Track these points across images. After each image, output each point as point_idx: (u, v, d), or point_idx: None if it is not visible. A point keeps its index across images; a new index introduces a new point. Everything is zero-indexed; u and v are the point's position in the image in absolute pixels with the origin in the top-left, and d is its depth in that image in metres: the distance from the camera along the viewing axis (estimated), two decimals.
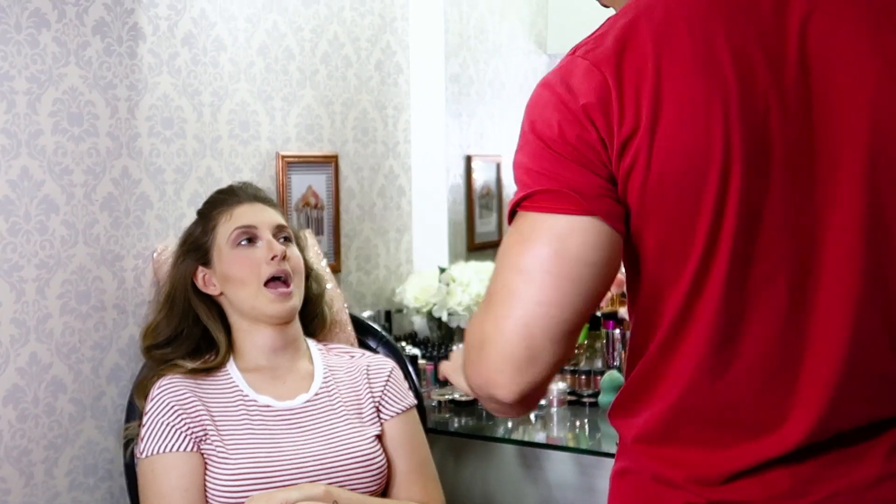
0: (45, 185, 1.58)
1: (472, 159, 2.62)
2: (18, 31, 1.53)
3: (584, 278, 0.91)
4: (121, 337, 1.73)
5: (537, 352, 0.92)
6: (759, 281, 0.93)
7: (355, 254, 2.35)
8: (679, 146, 0.90)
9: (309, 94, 2.17)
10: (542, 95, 0.96)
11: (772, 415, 0.96)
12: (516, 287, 0.92)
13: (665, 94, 0.90)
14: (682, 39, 0.92)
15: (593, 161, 0.92)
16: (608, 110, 0.91)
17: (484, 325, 0.94)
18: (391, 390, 1.69)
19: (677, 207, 0.92)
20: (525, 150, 0.97)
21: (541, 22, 2.87)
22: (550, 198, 0.92)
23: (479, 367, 0.95)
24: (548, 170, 0.93)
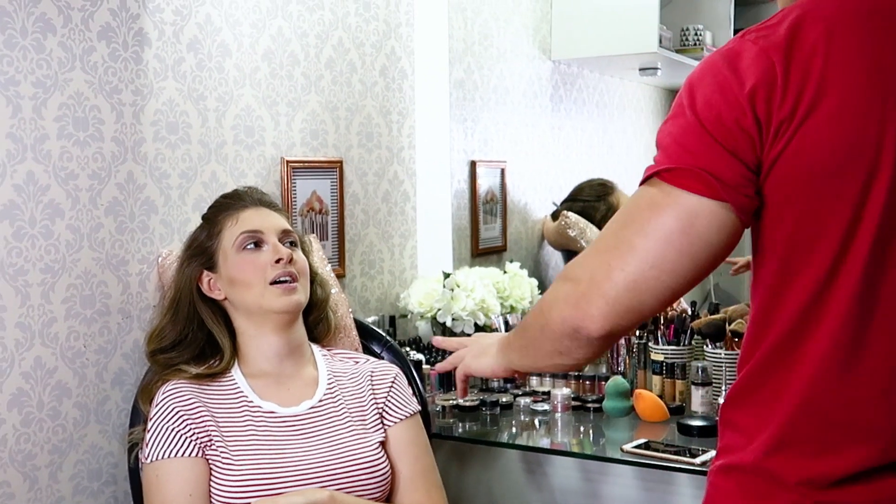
0: (51, 190, 1.59)
1: (476, 165, 2.62)
2: (24, 36, 1.54)
3: (700, 256, 0.97)
4: (125, 341, 1.73)
5: (639, 306, 0.99)
6: (892, 282, 0.94)
7: (360, 259, 2.35)
8: (831, 139, 0.92)
9: (314, 100, 2.18)
10: (707, 73, 0.98)
11: (890, 420, 0.96)
12: (637, 246, 0.97)
13: (828, 87, 0.92)
14: (850, 38, 0.94)
15: (744, 147, 0.95)
16: (771, 95, 0.93)
17: (595, 267, 1.00)
18: (395, 396, 1.69)
19: (820, 199, 0.94)
20: (678, 121, 0.99)
21: (545, 28, 2.87)
22: (691, 176, 0.95)
23: (576, 300, 1.00)
24: (696, 148, 0.96)
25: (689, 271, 0.97)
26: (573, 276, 1.02)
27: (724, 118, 0.95)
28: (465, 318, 2.34)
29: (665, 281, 0.97)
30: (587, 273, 1.00)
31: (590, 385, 2.25)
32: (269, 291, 1.60)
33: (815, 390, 0.97)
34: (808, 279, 0.96)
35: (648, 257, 0.96)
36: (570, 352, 1.05)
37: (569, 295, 1.02)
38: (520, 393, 2.24)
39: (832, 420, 0.98)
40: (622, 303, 0.98)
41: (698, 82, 0.99)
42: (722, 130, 0.95)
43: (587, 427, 2.08)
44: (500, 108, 2.73)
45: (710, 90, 0.97)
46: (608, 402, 2.12)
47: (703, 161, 0.95)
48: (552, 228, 2.78)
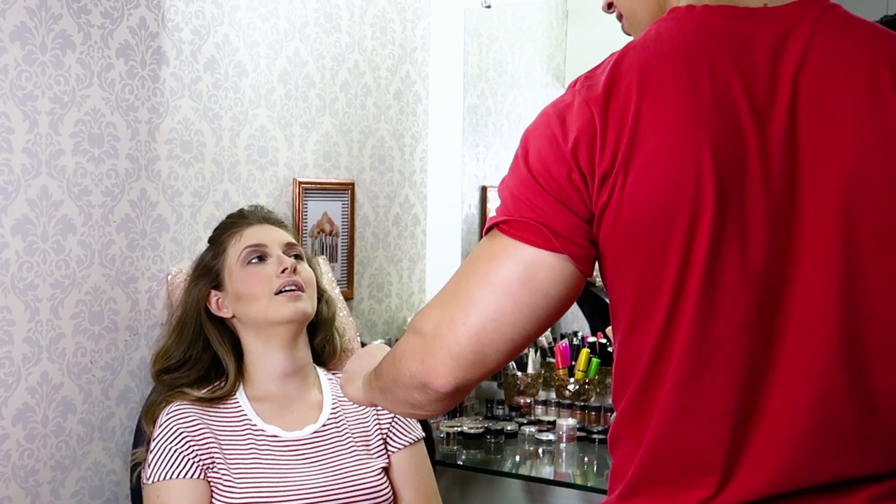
0: (64, 205, 1.59)
1: (487, 190, 2.62)
2: (44, 52, 1.55)
3: (540, 307, 0.96)
4: (132, 359, 1.73)
5: (483, 359, 0.97)
6: (725, 328, 0.93)
7: (368, 281, 2.35)
8: (649, 185, 0.92)
9: (328, 122, 2.18)
10: (539, 126, 0.99)
11: (734, 463, 0.96)
12: (478, 299, 0.96)
13: (641, 134, 0.92)
14: (666, 80, 0.93)
15: (575, 200, 0.95)
16: (592, 147, 0.94)
17: (439, 320, 0.99)
18: (399, 422, 1.68)
19: (648, 247, 0.94)
20: (514, 174, 1.00)
21: (559, 56, 2.88)
22: (526, 229, 0.95)
23: (422, 356, 0.99)
24: (530, 200, 0.96)
25: (529, 322, 0.96)
26: (419, 328, 1.01)
27: (553, 172, 0.95)
28: None
29: (506, 333, 0.96)
30: (431, 326, 0.99)
31: (595, 416, 2.23)
32: (274, 302, 1.59)
33: (663, 434, 0.97)
34: (649, 329, 0.96)
35: (489, 309, 0.95)
36: (421, 405, 1.05)
37: (415, 349, 1.01)
38: (525, 422, 2.23)
39: (679, 463, 0.97)
40: (466, 357, 0.97)
41: (532, 135, 1.00)
42: (552, 184, 0.95)
43: (592, 458, 2.06)
44: (513, 134, 2.73)
45: (541, 143, 0.97)
46: None
47: (537, 213, 0.95)
48: None
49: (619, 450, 1.04)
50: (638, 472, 1.00)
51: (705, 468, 0.96)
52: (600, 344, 2.42)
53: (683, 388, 0.95)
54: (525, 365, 2.35)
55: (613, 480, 1.05)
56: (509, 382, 2.35)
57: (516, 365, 2.35)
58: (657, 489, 0.99)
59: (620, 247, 0.96)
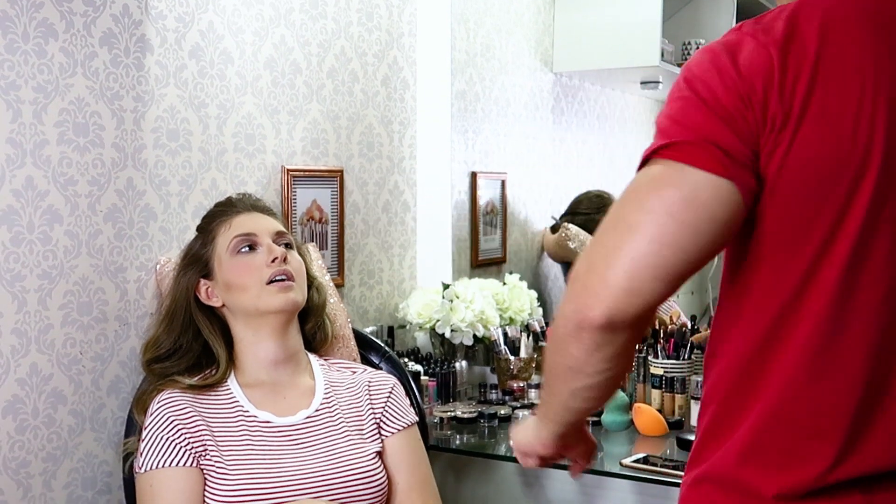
0: (50, 196, 1.58)
1: (477, 176, 2.62)
2: (26, 41, 1.54)
3: (703, 230, 0.92)
4: (122, 349, 1.72)
5: (640, 286, 0.92)
6: (868, 296, 0.92)
7: (359, 269, 2.34)
8: (818, 139, 0.91)
9: (315, 109, 2.17)
10: (705, 59, 0.96)
11: (858, 434, 0.94)
12: (635, 222, 0.92)
13: (819, 85, 0.91)
14: (846, 34, 0.93)
15: (745, 132, 0.92)
16: (769, 89, 0.92)
17: (593, 256, 0.95)
18: (392, 407, 1.68)
19: (805, 203, 0.92)
20: (677, 103, 0.96)
21: (547, 41, 2.87)
22: (696, 149, 0.92)
23: (576, 294, 0.95)
24: (699, 125, 0.93)
25: (691, 246, 0.91)
26: (574, 275, 0.97)
27: (724, 101, 0.93)
28: (464, 330, 2.33)
29: (666, 257, 0.91)
30: (586, 265, 0.95)
31: None
32: (265, 291, 1.59)
33: (785, 396, 0.96)
34: (786, 282, 0.95)
35: (648, 232, 0.91)
36: (581, 364, 0.97)
37: (570, 293, 0.96)
38: (518, 405, 2.23)
39: (803, 428, 0.96)
40: (619, 284, 0.91)
41: (696, 67, 0.97)
42: (724, 111, 0.93)
43: None
44: (502, 119, 2.73)
45: (709, 75, 0.94)
46: (607, 416, 2.10)
47: (708, 134, 0.92)
48: (552, 240, 2.77)
49: (720, 410, 1.01)
50: (750, 436, 0.97)
51: (826, 437, 0.94)
52: None
53: (816, 351, 0.94)
54: (518, 349, 2.35)
55: (706, 443, 1.02)
56: (502, 367, 2.35)
57: (509, 349, 2.35)
58: (770, 457, 0.97)
59: (778, 195, 0.94)
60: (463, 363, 2.39)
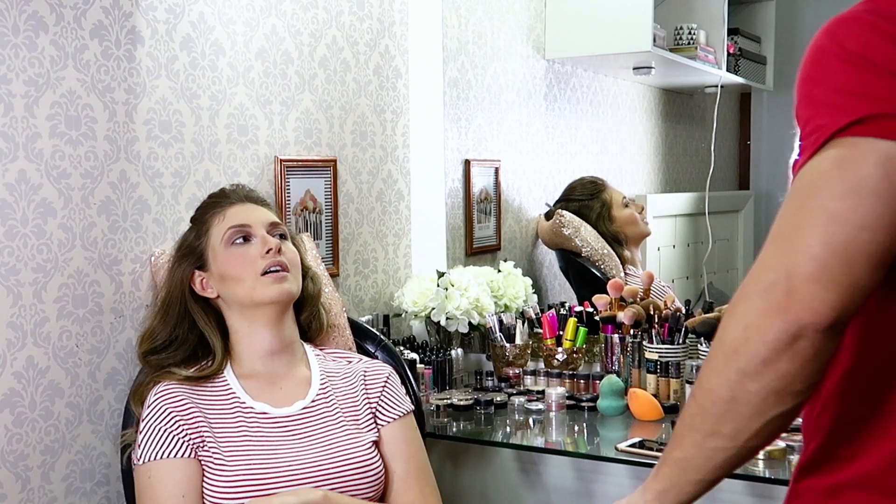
0: (43, 189, 1.58)
1: (470, 164, 2.62)
2: (16, 34, 1.53)
3: (892, 200, 0.84)
4: (118, 341, 1.72)
5: (856, 277, 0.84)
6: None
7: (354, 258, 2.34)
8: None
9: (307, 99, 2.17)
10: (851, 24, 0.88)
11: None
12: (837, 210, 0.84)
13: None
14: None
15: None
16: None
17: (786, 259, 0.86)
18: (388, 396, 1.69)
19: None
20: (844, 75, 0.87)
21: (539, 27, 2.87)
22: (886, 120, 0.84)
23: (779, 305, 0.85)
24: (884, 92, 0.84)
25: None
26: (758, 288, 0.86)
27: (894, 57, 0.84)
28: (460, 317, 2.34)
29: (879, 241, 0.83)
30: (779, 272, 0.85)
31: (584, 384, 2.24)
32: (260, 282, 1.59)
33: None
34: None
35: (855, 217, 0.82)
36: (793, 381, 0.86)
37: (766, 307, 0.85)
38: (514, 392, 2.24)
39: None
40: (839, 280, 0.83)
41: (853, 33, 0.87)
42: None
43: (581, 426, 2.08)
44: (494, 107, 2.73)
45: (865, 35, 0.85)
46: (602, 400, 2.11)
47: (888, 104, 0.83)
48: (546, 227, 2.78)
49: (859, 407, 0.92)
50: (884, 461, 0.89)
51: None
52: (587, 313, 2.43)
53: None
54: (513, 336, 2.36)
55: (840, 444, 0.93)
56: (497, 354, 2.36)
57: (504, 336, 2.36)
58: None
59: None
60: (458, 351, 2.40)
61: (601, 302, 2.38)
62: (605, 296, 2.38)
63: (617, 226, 2.73)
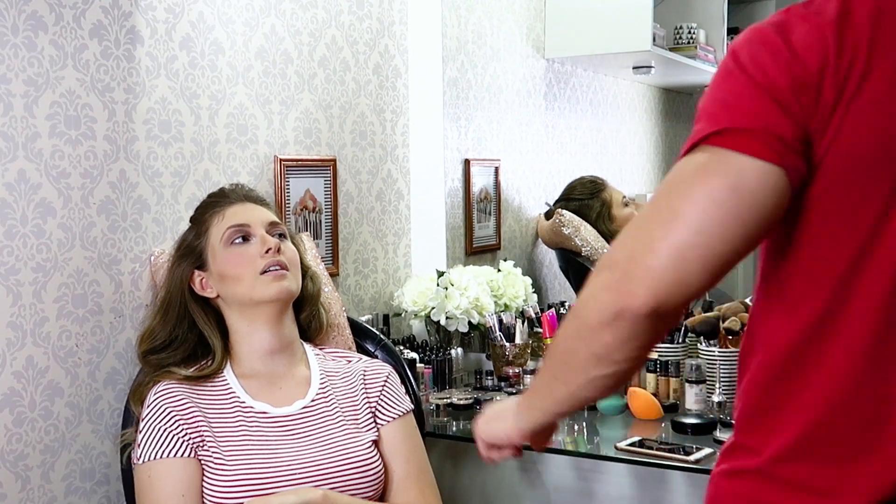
0: (42, 189, 1.58)
1: (470, 163, 2.62)
2: (15, 34, 1.53)
3: (751, 220, 0.90)
4: (118, 340, 1.72)
5: (687, 277, 0.90)
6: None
7: (353, 257, 2.34)
8: (871, 124, 0.89)
9: (307, 98, 2.17)
10: (755, 40, 0.93)
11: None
12: (682, 211, 0.90)
13: (873, 72, 0.89)
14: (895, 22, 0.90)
15: (798, 115, 0.89)
16: (824, 72, 0.89)
17: (634, 243, 0.93)
18: (387, 395, 1.69)
19: (854, 185, 0.90)
20: (726, 84, 0.93)
21: (538, 27, 2.87)
22: (745, 138, 0.89)
23: (616, 283, 0.93)
24: (751, 109, 0.90)
25: (738, 237, 0.90)
26: (609, 262, 0.95)
27: (778, 82, 0.90)
28: (459, 317, 2.34)
29: (714, 248, 0.89)
30: (625, 253, 0.94)
31: None
32: (259, 281, 1.59)
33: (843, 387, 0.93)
34: (833, 269, 0.92)
35: (695, 222, 0.89)
36: (611, 351, 0.95)
37: (607, 281, 0.94)
38: (514, 391, 2.24)
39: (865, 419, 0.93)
40: (667, 275, 0.90)
41: (746, 48, 0.93)
42: (777, 92, 0.90)
43: (581, 425, 2.08)
44: (494, 106, 2.73)
45: (761, 55, 0.91)
46: (602, 400, 2.11)
47: (761, 121, 0.89)
48: (546, 227, 2.78)
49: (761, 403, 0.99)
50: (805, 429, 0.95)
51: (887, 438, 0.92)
52: None
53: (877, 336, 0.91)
54: (513, 335, 2.36)
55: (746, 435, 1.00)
56: (497, 353, 2.36)
57: (504, 336, 2.36)
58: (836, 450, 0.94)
59: (825, 180, 0.91)
60: (458, 350, 2.40)
61: None
62: None
63: (617, 225, 2.73)
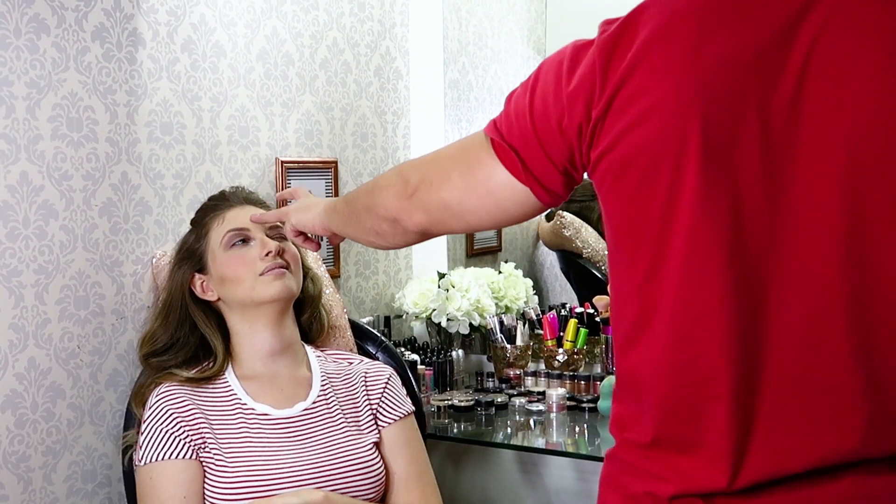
0: (45, 191, 1.58)
1: None
2: (18, 37, 1.54)
3: (496, 216, 1.12)
4: (119, 342, 1.73)
5: (446, 221, 1.15)
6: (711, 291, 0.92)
7: (354, 259, 2.35)
8: (636, 140, 0.93)
9: (308, 100, 2.17)
10: (555, 61, 1.04)
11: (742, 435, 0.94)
12: (453, 182, 1.12)
13: (637, 86, 0.93)
14: (672, 36, 0.93)
15: (558, 147, 1.02)
16: (591, 95, 0.97)
17: (423, 179, 1.15)
18: (389, 397, 1.69)
19: (632, 203, 0.96)
20: (521, 99, 1.06)
21: (539, 28, 2.87)
22: (507, 155, 1.06)
23: (402, 198, 1.17)
24: (519, 132, 1.05)
25: (485, 221, 1.14)
26: (406, 175, 1.17)
27: (549, 112, 1.01)
28: (460, 319, 2.34)
29: (465, 218, 1.13)
30: (416, 178, 1.15)
31: (585, 385, 2.25)
32: (259, 282, 1.60)
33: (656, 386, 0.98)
34: (638, 272, 0.97)
35: (456, 194, 1.11)
36: (386, 236, 1.23)
37: (399, 190, 1.17)
38: (515, 393, 2.24)
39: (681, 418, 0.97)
40: (434, 215, 1.14)
41: (548, 67, 1.04)
42: (544, 124, 1.02)
43: (582, 427, 2.08)
44: (495, 108, 2.71)
45: (549, 78, 1.02)
46: (603, 401, 2.12)
47: (520, 145, 1.04)
48: (547, 228, 2.78)
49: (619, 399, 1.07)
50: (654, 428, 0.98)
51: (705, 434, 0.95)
52: (588, 314, 2.43)
53: (673, 347, 0.95)
54: (514, 337, 2.36)
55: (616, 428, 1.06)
56: (498, 355, 2.36)
57: (505, 337, 2.36)
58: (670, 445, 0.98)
59: (611, 197, 0.98)
60: (459, 352, 2.40)
61: (602, 303, 2.38)
62: (605, 297, 2.38)
63: None
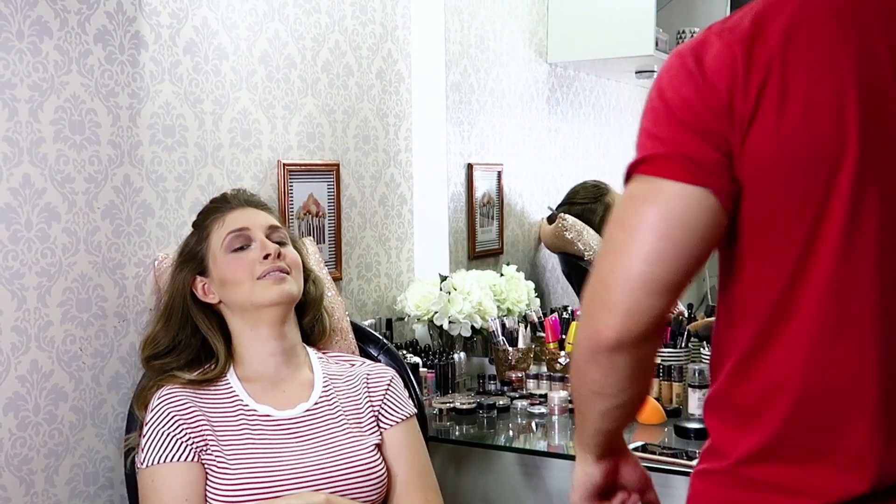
0: (47, 193, 1.59)
1: (473, 168, 2.62)
2: (20, 40, 1.54)
3: (684, 241, 0.94)
4: (122, 345, 1.73)
5: (638, 306, 0.95)
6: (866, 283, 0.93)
7: (356, 262, 2.35)
8: (789, 134, 0.92)
9: (310, 103, 2.18)
10: (674, 65, 0.99)
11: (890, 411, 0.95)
12: (623, 243, 0.96)
13: (788, 82, 0.92)
14: (812, 32, 0.94)
15: (715, 134, 0.94)
16: (733, 90, 0.93)
17: (593, 281, 0.99)
18: (391, 399, 1.69)
19: (783, 195, 0.94)
20: (650, 115, 0.99)
21: (541, 31, 2.87)
22: (668, 162, 0.95)
23: (585, 320, 1.00)
24: (668, 135, 0.96)
25: (677, 259, 0.95)
26: (585, 302, 1.01)
27: (693, 105, 0.95)
28: (462, 321, 2.34)
29: (656, 273, 0.94)
30: (590, 292, 1.00)
31: None
32: (258, 286, 1.60)
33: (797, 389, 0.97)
34: (773, 280, 0.96)
35: (635, 251, 0.94)
36: (603, 386, 1.01)
37: (582, 320, 1.02)
38: (517, 396, 2.24)
39: (823, 419, 0.96)
40: (621, 306, 0.95)
41: (667, 75, 0.99)
42: (692, 117, 0.95)
43: None
44: (497, 110, 2.73)
45: (678, 81, 0.97)
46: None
47: (678, 146, 0.95)
48: (549, 231, 2.78)
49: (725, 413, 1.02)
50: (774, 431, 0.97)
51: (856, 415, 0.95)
52: None
53: (819, 350, 0.95)
54: (515, 340, 2.36)
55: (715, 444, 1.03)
56: (500, 357, 2.36)
57: (507, 340, 2.36)
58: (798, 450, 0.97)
59: (753, 193, 0.95)
60: (461, 354, 2.40)
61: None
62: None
63: None
